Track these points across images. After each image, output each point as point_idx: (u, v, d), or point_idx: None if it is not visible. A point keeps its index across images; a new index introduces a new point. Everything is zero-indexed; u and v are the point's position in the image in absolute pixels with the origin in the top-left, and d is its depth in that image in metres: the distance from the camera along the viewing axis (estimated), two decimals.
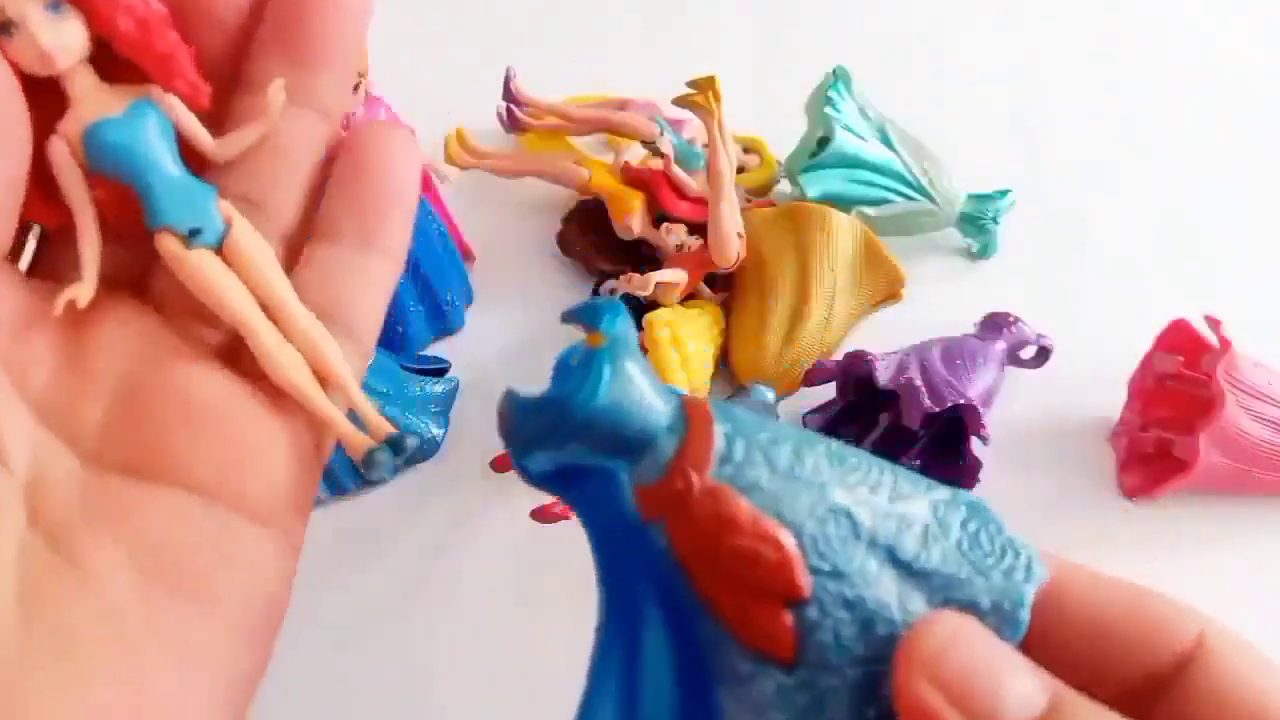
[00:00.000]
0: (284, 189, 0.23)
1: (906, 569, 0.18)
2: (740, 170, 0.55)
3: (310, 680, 0.39)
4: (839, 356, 0.45)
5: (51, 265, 0.22)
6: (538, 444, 0.19)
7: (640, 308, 0.47)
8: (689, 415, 0.19)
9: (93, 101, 0.20)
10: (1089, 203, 0.58)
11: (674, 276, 0.47)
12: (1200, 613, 0.19)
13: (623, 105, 0.55)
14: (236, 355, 0.22)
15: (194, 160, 0.22)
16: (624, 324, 0.19)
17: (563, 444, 0.18)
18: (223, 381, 0.22)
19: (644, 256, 0.51)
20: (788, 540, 0.18)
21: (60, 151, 0.20)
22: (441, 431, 0.45)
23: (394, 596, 0.42)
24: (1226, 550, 0.45)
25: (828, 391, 0.46)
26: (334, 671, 0.40)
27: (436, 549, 0.43)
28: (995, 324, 0.48)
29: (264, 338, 0.21)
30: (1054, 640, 0.19)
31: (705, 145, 0.48)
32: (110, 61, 0.21)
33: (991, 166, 0.57)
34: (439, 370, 0.47)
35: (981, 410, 0.42)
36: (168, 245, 0.21)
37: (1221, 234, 0.57)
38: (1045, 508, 0.46)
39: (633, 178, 0.50)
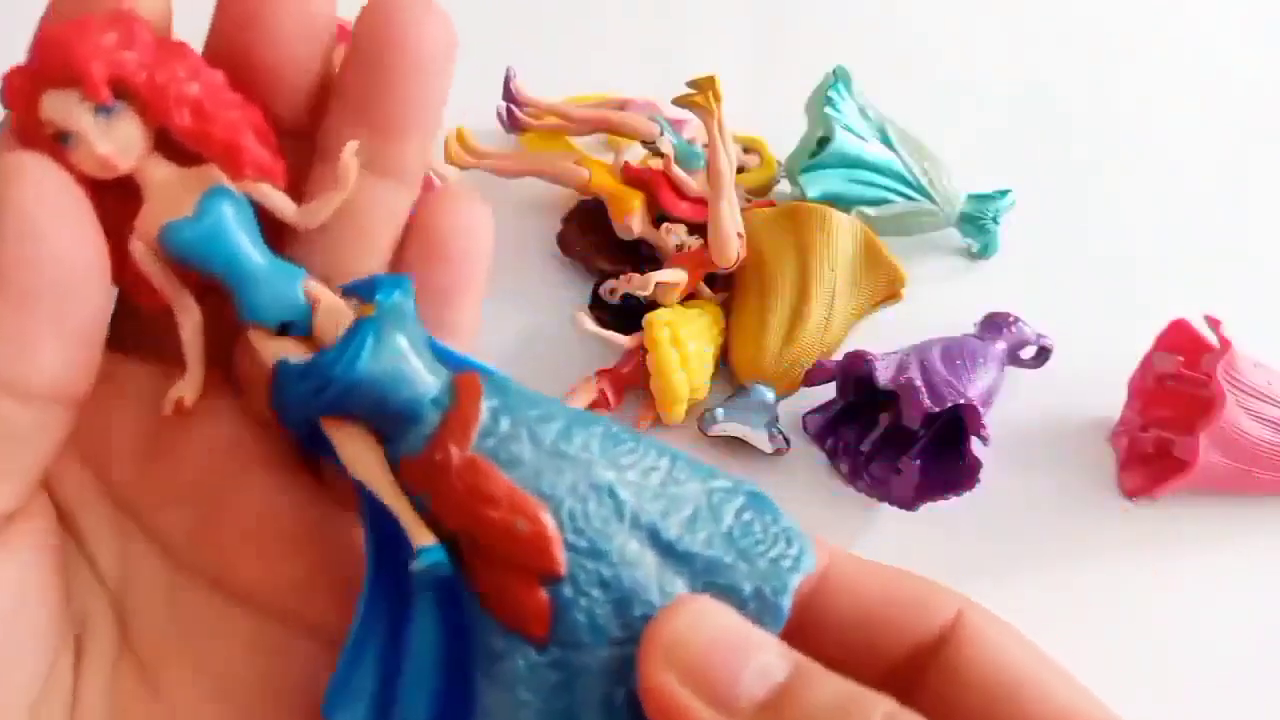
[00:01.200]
0: (365, 266, 0.21)
1: (668, 550, 0.18)
2: (740, 170, 0.55)
3: None
4: (839, 356, 0.45)
5: (132, 339, 0.21)
6: (300, 410, 0.19)
7: (640, 308, 0.47)
8: (457, 389, 0.19)
9: (163, 196, 0.19)
10: (1089, 203, 0.58)
11: (674, 276, 0.47)
12: (958, 593, 0.20)
13: (623, 105, 0.55)
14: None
15: (276, 230, 0.20)
16: (401, 296, 0.19)
17: (323, 411, 0.18)
18: (302, 495, 0.21)
19: (644, 256, 0.51)
20: (544, 516, 0.17)
21: (141, 252, 0.19)
22: None
23: None
24: (1226, 550, 0.45)
25: (828, 391, 0.46)
26: None
27: None
28: (995, 324, 0.48)
29: (347, 448, 0.19)
30: (821, 622, 0.19)
31: (705, 145, 0.48)
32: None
33: (991, 166, 0.57)
34: None
35: (981, 410, 0.42)
36: (257, 340, 0.19)
37: (1221, 234, 0.57)
38: (1045, 508, 0.46)
39: (633, 178, 0.50)
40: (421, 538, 0.18)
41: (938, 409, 0.41)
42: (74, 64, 0.17)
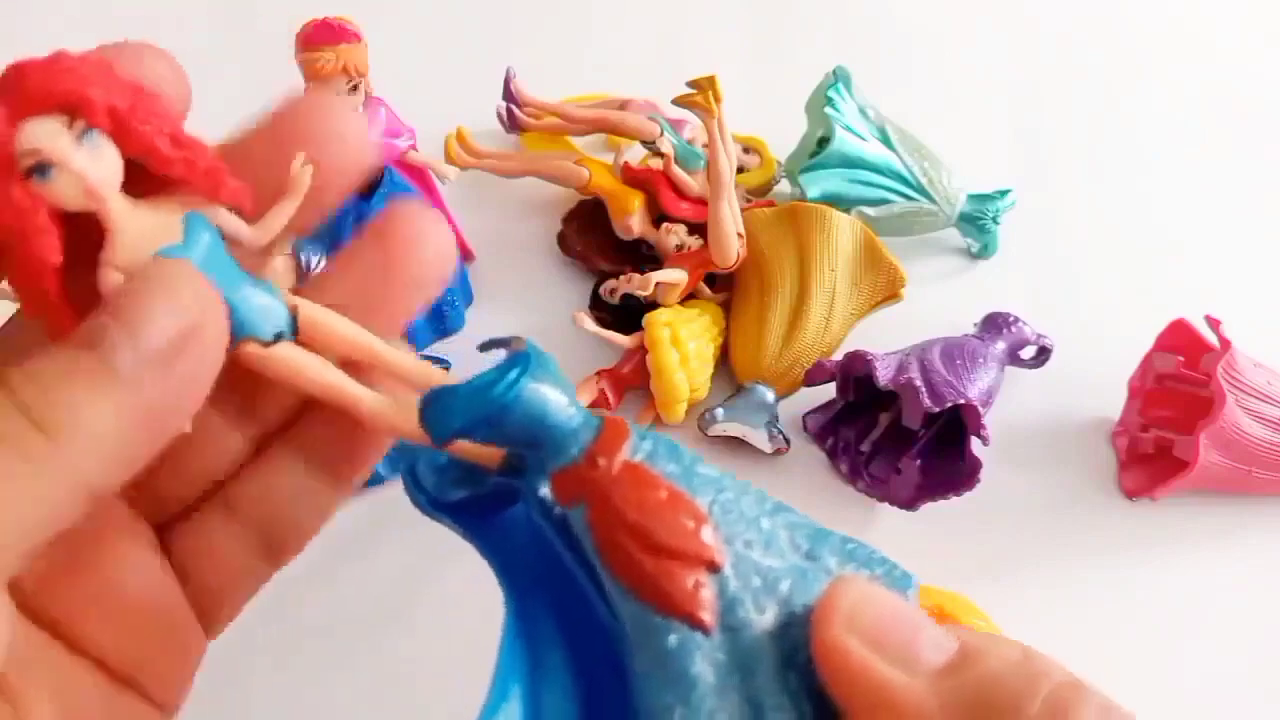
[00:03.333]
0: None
1: (805, 554, 0.20)
2: (740, 170, 0.55)
3: (300, 681, 0.39)
4: (839, 356, 0.45)
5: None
6: (458, 427, 0.20)
7: (640, 308, 0.47)
8: (604, 417, 0.20)
9: (141, 227, 0.19)
10: (1089, 203, 0.58)
11: (674, 276, 0.47)
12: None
13: (623, 105, 0.55)
14: (169, 533, 0.23)
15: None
16: (543, 353, 0.21)
17: (482, 428, 0.20)
18: (151, 570, 0.22)
19: (644, 256, 0.51)
20: (703, 509, 0.19)
21: (117, 284, 0.19)
22: None
23: (392, 597, 0.42)
24: (1226, 550, 0.45)
25: (828, 391, 0.46)
26: (326, 673, 0.40)
27: (436, 549, 0.43)
28: (995, 324, 0.48)
29: (366, 403, 0.21)
30: None
31: (705, 145, 0.48)
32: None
33: (991, 166, 0.57)
34: None
35: (981, 410, 0.42)
36: (250, 352, 0.20)
37: (1221, 234, 0.57)
38: (1045, 508, 0.46)
39: (633, 178, 0.50)
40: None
41: (938, 409, 0.41)
42: (73, 89, 0.17)
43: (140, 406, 0.17)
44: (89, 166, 0.18)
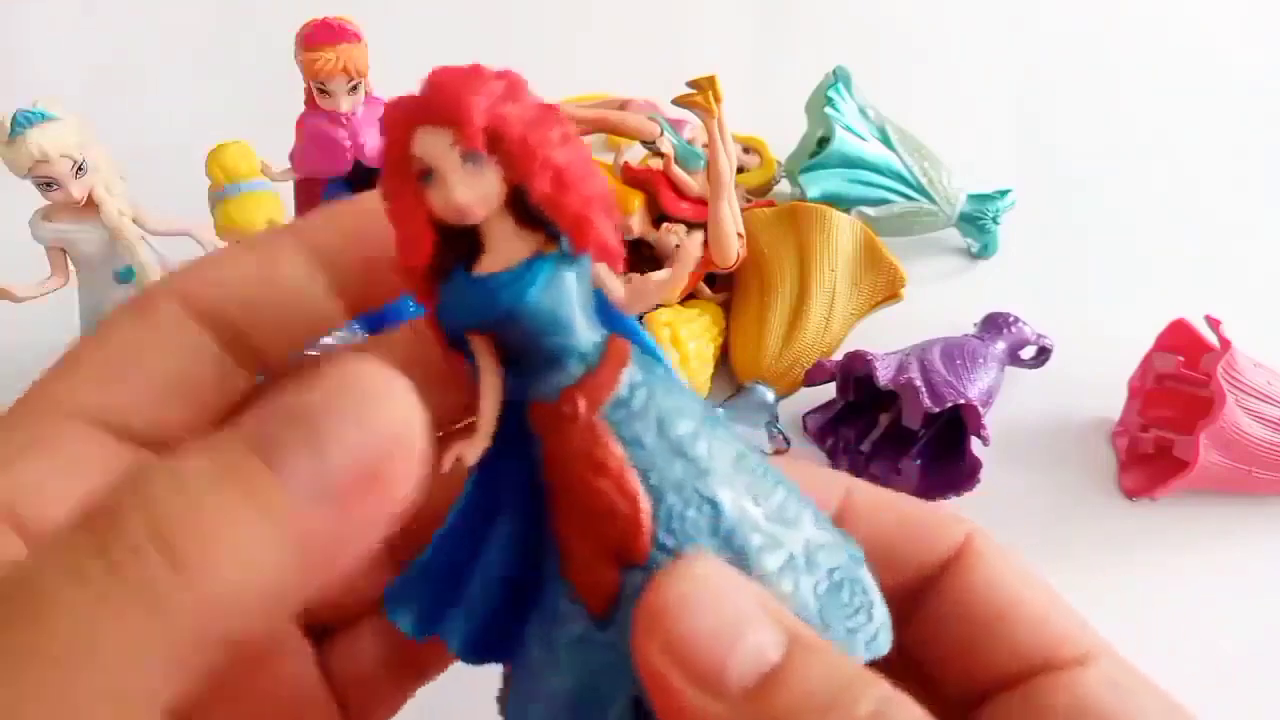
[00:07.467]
0: None
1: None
2: (740, 170, 0.55)
3: None
4: (839, 356, 0.45)
5: None
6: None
7: None
8: (606, 352, 0.19)
9: (509, 250, 0.18)
10: (1089, 203, 0.58)
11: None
12: (970, 521, 0.20)
13: (623, 105, 0.55)
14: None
15: None
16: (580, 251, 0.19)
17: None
18: (314, 689, 0.21)
19: (644, 256, 0.51)
20: (644, 503, 0.17)
21: None
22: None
23: None
24: (1226, 550, 0.45)
25: (828, 391, 0.46)
26: None
27: None
28: (995, 324, 0.48)
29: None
30: None
31: (705, 145, 0.48)
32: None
33: (991, 166, 0.57)
34: None
35: (981, 410, 0.42)
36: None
37: (1221, 234, 0.57)
38: (1045, 508, 0.46)
39: (633, 178, 0.50)
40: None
41: (938, 409, 0.41)
42: (458, 107, 0.17)
43: (307, 539, 0.14)
44: (459, 186, 0.18)
